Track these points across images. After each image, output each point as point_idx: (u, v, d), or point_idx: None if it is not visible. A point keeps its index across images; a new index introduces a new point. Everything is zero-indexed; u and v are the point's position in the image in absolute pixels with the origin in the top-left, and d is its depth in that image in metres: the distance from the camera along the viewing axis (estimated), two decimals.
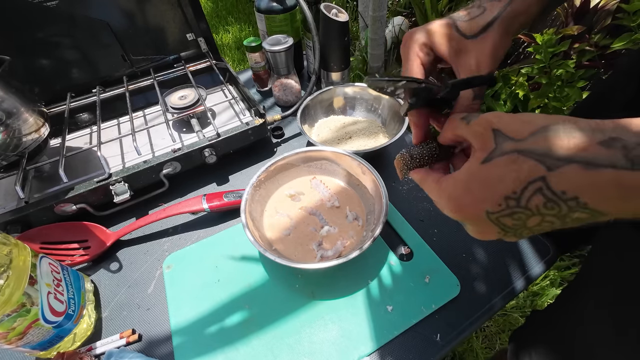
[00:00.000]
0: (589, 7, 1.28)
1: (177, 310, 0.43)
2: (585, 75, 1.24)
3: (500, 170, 0.20)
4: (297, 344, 0.39)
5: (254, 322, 0.41)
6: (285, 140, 0.66)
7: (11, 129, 0.48)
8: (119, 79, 0.69)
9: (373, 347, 0.39)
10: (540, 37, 1.25)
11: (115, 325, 0.43)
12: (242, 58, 2.20)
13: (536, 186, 0.19)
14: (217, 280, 0.45)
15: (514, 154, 0.20)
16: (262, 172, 0.49)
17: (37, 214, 0.47)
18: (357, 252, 0.40)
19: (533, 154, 0.19)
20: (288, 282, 0.45)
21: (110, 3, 0.62)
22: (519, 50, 1.67)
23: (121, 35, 0.65)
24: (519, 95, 1.41)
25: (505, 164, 0.20)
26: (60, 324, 0.37)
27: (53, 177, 0.55)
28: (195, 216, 0.54)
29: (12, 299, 0.32)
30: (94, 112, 0.65)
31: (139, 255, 0.50)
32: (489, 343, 0.99)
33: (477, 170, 0.21)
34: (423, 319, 0.41)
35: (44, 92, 0.65)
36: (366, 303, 0.42)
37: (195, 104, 0.62)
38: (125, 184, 0.50)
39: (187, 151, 0.53)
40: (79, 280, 0.43)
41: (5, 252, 0.33)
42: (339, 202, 0.50)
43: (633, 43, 1.10)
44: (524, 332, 0.58)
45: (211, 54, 0.74)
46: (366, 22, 1.75)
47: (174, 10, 0.68)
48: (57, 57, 0.63)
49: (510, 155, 0.20)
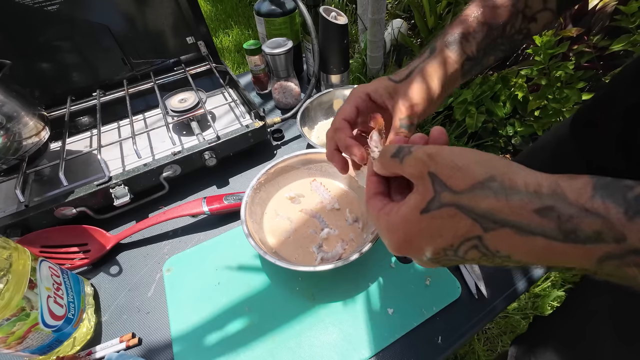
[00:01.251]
0: (588, 8, 1.28)
1: (177, 314, 0.43)
2: (584, 77, 1.24)
3: (439, 223, 0.21)
4: (298, 347, 0.39)
5: (254, 324, 0.41)
6: (285, 143, 0.66)
7: (11, 132, 0.48)
8: (119, 82, 0.69)
9: (374, 350, 0.38)
10: (539, 39, 1.25)
11: (115, 329, 0.43)
12: (242, 61, 2.21)
13: (472, 243, 0.20)
14: (217, 283, 0.45)
15: (453, 209, 0.20)
16: (262, 175, 0.49)
17: (37, 217, 0.47)
18: (358, 254, 0.40)
19: (471, 212, 0.19)
20: (288, 285, 0.44)
21: (110, 7, 0.62)
22: (518, 52, 1.68)
23: (121, 38, 0.66)
24: (518, 96, 1.41)
25: (443, 218, 0.21)
26: (60, 328, 0.37)
27: (53, 180, 0.55)
28: (196, 219, 0.54)
29: (12, 303, 0.32)
30: (94, 116, 0.65)
31: (139, 259, 0.50)
32: (491, 345, 0.98)
33: (416, 221, 0.22)
34: (424, 321, 0.40)
35: (44, 96, 0.65)
36: (367, 306, 0.42)
37: (195, 107, 0.62)
38: (125, 187, 0.50)
39: (187, 154, 0.53)
40: (79, 283, 0.43)
41: (5, 255, 0.33)
42: (339, 205, 0.50)
43: (631, 44, 1.10)
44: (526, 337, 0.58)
45: (211, 57, 0.74)
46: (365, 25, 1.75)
47: (174, 13, 0.68)
48: (58, 61, 0.63)
49: (449, 209, 0.20)
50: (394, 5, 2.06)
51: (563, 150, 0.49)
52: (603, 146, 0.42)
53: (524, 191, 0.18)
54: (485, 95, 1.46)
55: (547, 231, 0.17)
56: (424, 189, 0.21)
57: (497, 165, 0.20)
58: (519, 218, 0.18)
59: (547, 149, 0.53)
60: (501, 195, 0.19)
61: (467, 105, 1.49)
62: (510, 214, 0.18)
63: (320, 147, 0.53)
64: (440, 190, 0.20)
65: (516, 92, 1.41)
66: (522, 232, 0.18)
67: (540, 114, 1.36)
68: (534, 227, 0.18)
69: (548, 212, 0.17)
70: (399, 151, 0.23)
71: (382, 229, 0.25)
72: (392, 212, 0.23)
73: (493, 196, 0.19)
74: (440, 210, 0.20)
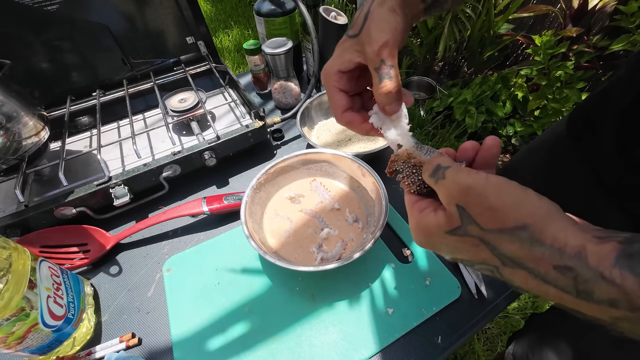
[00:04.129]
0: (587, 8, 1.28)
1: (177, 314, 0.43)
2: (584, 77, 1.24)
3: (461, 245, 0.22)
4: (298, 347, 0.39)
5: (254, 325, 0.41)
6: (285, 143, 0.66)
7: (11, 132, 0.48)
8: (119, 82, 0.69)
9: (374, 349, 0.38)
10: (539, 39, 1.25)
11: (114, 329, 0.43)
12: (242, 61, 2.21)
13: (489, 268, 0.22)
14: (217, 283, 0.45)
15: (477, 240, 0.21)
16: (262, 175, 0.49)
17: (37, 217, 0.47)
18: (358, 254, 0.40)
19: (494, 249, 0.20)
20: (288, 285, 0.44)
21: (110, 7, 0.62)
22: (518, 52, 1.68)
23: (121, 38, 0.66)
24: (518, 96, 1.41)
25: (466, 243, 0.22)
26: (60, 328, 0.37)
27: (53, 180, 0.55)
28: (195, 219, 0.54)
29: (12, 303, 0.32)
30: (94, 116, 0.65)
31: (139, 259, 0.50)
32: (491, 345, 0.99)
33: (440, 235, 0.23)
34: (424, 321, 0.40)
35: (44, 96, 0.65)
36: (367, 306, 0.42)
37: (195, 107, 0.62)
38: (125, 187, 0.50)
39: (187, 154, 0.53)
40: (79, 283, 0.43)
41: (4, 255, 0.33)
42: (339, 205, 0.50)
43: (631, 44, 1.10)
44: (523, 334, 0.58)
45: (211, 57, 0.74)
46: None
47: (174, 13, 0.68)
48: (57, 61, 0.63)
49: (473, 239, 0.21)
50: None
51: (560, 148, 0.49)
52: (599, 145, 0.42)
53: (549, 245, 0.18)
54: (485, 95, 1.46)
55: (562, 285, 0.18)
56: (451, 216, 0.22)
57: (533, 212, 0.19)
58: (537, 267, 0.19)
59: (544, 148, 0.53)
60: (526, 243, 0.19)
61: (467, 105, 1.49)
62: (529, 261, 0.19)
63: (321, 147, 0.53)
64: (468, 222, 0.21)
65: (516, 92, 1.41)
66: (538, 278, 0.19)
67: (540, 114, 1.36)
68: (550, 278, 0.18)
69: (566, 271, 0.18)
70: (435, 172, 0.23)
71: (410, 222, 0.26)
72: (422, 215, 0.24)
73: (519, 243, 0.19)
74: (465, 237, 0.21)
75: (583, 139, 0.45)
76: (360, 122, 0.31)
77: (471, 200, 0.20)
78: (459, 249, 0.23)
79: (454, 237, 0.22)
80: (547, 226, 0.19)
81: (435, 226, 0.23)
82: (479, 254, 0.21)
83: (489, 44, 1.56)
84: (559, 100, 1.25)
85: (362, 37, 0.28)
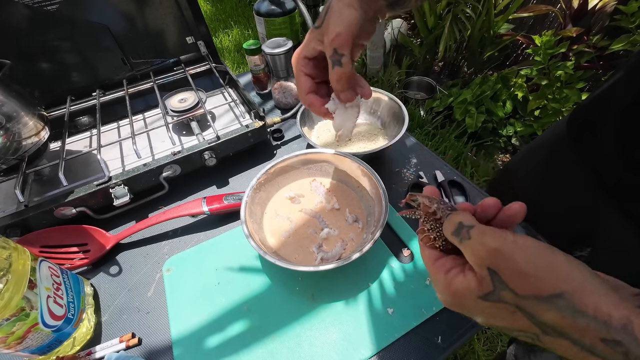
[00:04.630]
0: (587, 8, 1.28)
1: (177, 314, 0.43)
2: (584, 77, 1.24)
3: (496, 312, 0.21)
4: (298, 347, 0.39)
5: (253, 325, 0.41)
6: (285, 143, 0.66)
7: (11, 132, 0.48)
8: (119, 82, 0.69)
9: (374, 350, 0.38)
10: (539, 39, 1.25)
11: (114, 329, 0.43)
12: (242, 61, 2.21)
13: (528, 335, 0.20)
14: (217, 283, 0.45)
15: (512, 307, 0.20)
16: (262, 175, 0.49)
17: (37, 217, 0.47)
18: (358, 254, 0.40)
19: (533, 318, 0.19)
20: (288, 285, 0.44)
21: (110, 7, 0.62)
22: (518, 52, 1.68)
23: (121, 38, 0.66)
24: (518, 96, 1.41)
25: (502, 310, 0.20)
26: (60, 328, 0.37)
27: (53, 180, 0.55)
28: (195, 219, 0.54)
29: (12, 303, 0.32)
30: (94, 116, 0.65)
31: (139, 259, 0.50)
32: (491, 345, 0.99)
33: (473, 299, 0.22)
34: (424, 321, 0.40)
35: (44, 96, 0.65)
36: (367, 306, 0.42)
37: (195, 106, 0.62)
38: (125, 187, 0.50)
39: (187, 154, 0.53)
40: (79, 283, 0.43)
41: (4, 255, 0.33)
42: (339, 205, 0.50)
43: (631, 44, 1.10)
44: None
45: (211, 57, 0.74)
46: None
47: (174, 13, 0.68)
48: (57, 61, 0.63)
49: (509, 307, 0.20)
50: None
51: (560, 149, 0.49)
52: (600, 146, 0.42)
53: (591, 316, 0.18)
54: (485, 95, 1.46)
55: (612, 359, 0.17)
56: (482, 279, 0.21)
57: (567, 278, 0.19)
58: (582, 338, 0.18)
59: (544, 148, 0.53)
60: (567, 313, 0.18)
61: (467, 105, 1.49)
62: (574, 332, 0.18)
63: (320, 147, 0.53)
64: (501, 287, 0.20)
65: (516, 92, 1.41)
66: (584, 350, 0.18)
67: (540, 114, 1.36)
68: (598, 351, 0.18)
69: (615, 345, 0.17)
70: (458, 231, 0.22)
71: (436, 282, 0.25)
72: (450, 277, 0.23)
73: (557, 312, 0.18)
74: (500, 304, 0.20)
75: (583, 140, 0.45)
76: (319, 105, 0.35)
77: (501, 264, 0.20)
78: (493, 315, 0.21)
79: (487, 302, 0.21)
80: (586, 295, 0.18)
81: (467, 289, 0.22)
82: (516, 322, 0.20)
83: (489, 44, 1.56)
84: (559, 100, 1.25)
85: (322, 29, 0.31)
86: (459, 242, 0.22)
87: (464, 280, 0.22)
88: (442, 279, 0.24)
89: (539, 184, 0.52)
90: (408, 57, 1.82)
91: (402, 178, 0.57)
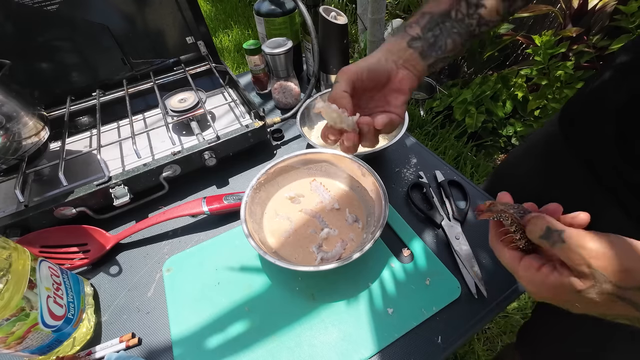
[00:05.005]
0: (587, 8, 1.28)
1: (177, 314, 0.43)
2: (584, 77, 1.24)
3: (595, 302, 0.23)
4: (297, 347, 0.39)
5: (253, 325, 0.41)
6: (285, 143, 0.66)
7: (11, 132, 0.48)
8: (118, 82, 0.69)
9: (374, 350, 0.38)
10: (539, 39, 1.25)
11: (114, 329, 0.43)
12: (242, 61, 2.21)
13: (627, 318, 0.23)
14: (217, 283, 0.45)
15: (614, 297, 0.22)
16: (262, 175, 0.49)
17: (37, 217, 0.47)
18: (358, 254, 0.40)
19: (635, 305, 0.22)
20: (288, 285, 0.44)
21: (110, 7, 0.62)
22: (518, 52, 1.68)
23: (121, 38, 0.66)
24: (518, 96, 1.41)
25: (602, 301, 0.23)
26: (60, 328, 0.37)
27: (53, 180, 0.55)
28: (195, 219, 0.54)
29: (12, 303, 0.32)
30: (93, 116, 0.65)
31: (139, 259, 0.50)
32: (491, 345, 0.99)
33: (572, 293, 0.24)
34: (424, 321, 0.40)
35: (43, 96, 0.65)
36: (367, 306, 0.42)
37: (195, 107, 0.62)
38: (125, 187, 0.50)
39: (186, 154, 0.53)
40: (79, 283, 0.43)
41: (4, 256, 0.33)
42: (339, 205, 0.50)
43: None
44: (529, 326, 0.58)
45: (211, 57, 0.74)
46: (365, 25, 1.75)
47: (174, 13, 0.68)
48: (57, 61, 0.63)
49: (610, 297, 0.22)
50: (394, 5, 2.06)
51: (554, 147, 0.50)
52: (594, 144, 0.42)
53: None
54: (485, 95, 1.46)
55: None
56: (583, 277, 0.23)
57: None
58: None
59: (539, 146, 0.54)
60: None
61: (467, 105, 1.49)
62: None
63: (320, 147, 0.53)
64: (603, 281, 0.22)
65: (516, 92, 1.41)
66: None
67: (540, 114, 1.36)
68: None
69: None
70: (548, 235, 0.24)
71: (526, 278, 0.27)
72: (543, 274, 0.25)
73: None
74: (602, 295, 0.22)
75: (577, 139, 0.45)
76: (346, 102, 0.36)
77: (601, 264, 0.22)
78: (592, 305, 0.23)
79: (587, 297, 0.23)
80: None
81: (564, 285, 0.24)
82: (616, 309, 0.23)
83: (489, 44, 1.56)
84: (559, 100, 1.25)
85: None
86: (551, 246, 0.24)
87: (559, 277, 0.24)
88: (537, 276, 0.25)
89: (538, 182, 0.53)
90: None
91: (402, 178, 0.57)
